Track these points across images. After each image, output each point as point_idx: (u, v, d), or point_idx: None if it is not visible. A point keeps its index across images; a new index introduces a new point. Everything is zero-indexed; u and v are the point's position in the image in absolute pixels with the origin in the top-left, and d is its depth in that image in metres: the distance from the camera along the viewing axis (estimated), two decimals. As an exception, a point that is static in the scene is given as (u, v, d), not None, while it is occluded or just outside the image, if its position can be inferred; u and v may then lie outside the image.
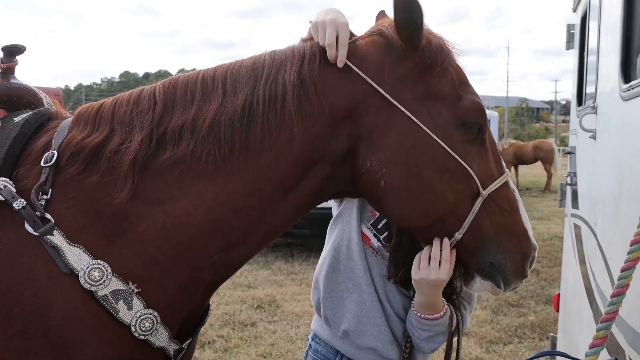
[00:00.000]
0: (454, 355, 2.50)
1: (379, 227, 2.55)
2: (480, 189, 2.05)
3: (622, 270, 1.85)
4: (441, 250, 2.14)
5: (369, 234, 2.56)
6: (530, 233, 2.15)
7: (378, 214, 2.54)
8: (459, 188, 2.03)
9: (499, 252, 2.09)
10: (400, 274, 2.46)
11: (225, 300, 8.19)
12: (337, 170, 2.05)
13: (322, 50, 2.03)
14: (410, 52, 2.01)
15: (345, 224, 2.59)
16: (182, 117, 1.99)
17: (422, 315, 2.37)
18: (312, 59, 2.01)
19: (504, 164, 2.18)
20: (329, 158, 2.03)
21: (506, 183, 2.14)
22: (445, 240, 2.12)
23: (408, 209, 2.04)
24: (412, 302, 2.43)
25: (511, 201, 2.12)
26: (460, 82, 2.08)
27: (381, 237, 2.54)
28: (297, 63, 2.01)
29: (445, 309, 2.40)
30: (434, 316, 2.36)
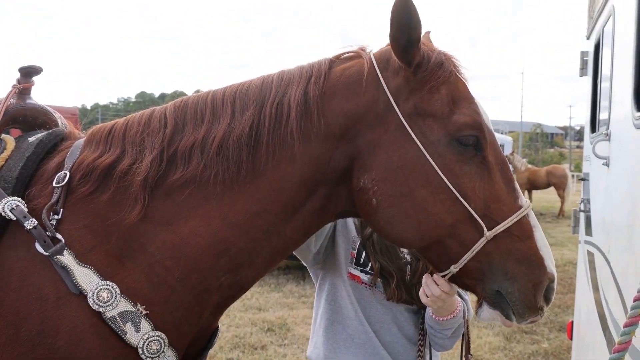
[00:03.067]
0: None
1: (361, 262, 2.68)
2: (485, 230, 1.95)
3: (634, 300, 1.84)
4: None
5: (356, 272, 2.68)
6: (548, 261, 1.99)
7: (356, 252, 2.68)
8: (456, 210, 1.95)
9: (507, 279, 1.96)
10: (397, 292, 2.59)
11: (236, 322, 8.16)
12: (337, 191, 2.07)
13: (328, 68, 2.06)
14: (404, 68, 1.99)
15: (333, 277, 2.73)
16: (192, 136, 2.01)
17: (444, 319, 2.50)
18: (318, 77, 2.03)
19: (519, 193, 2.04)
20: (329, 179, 2.04)
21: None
22: (435, 277, 2.19)
23: (400, 228, 2.00)
24: (429, 311, 2.55)
25: (522, 226, 1.99)
26: (459, 98, 2.02)
27: (367, 269, 2.67)
28: (304, 82, 2.03)
29: (459, 303, 2.53)
30: (454, 314, 2.49)
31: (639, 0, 2.83)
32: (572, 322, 5.26)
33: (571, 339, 5.24)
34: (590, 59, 5.03)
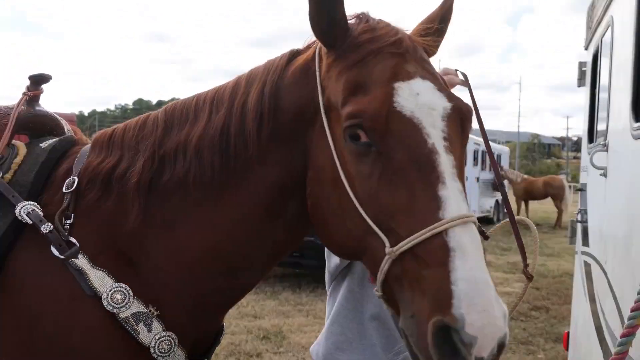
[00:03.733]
0: None
1: None
2: (386, 244, 1.58)
3: (632, 310, 1.84)
4: None
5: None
6: (461, 300, 1.44)
7: None
8: (360, 220, 1.66)
9: (410, 313, 1.55)
10: None
11: (231, 330, 8.12)
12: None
13: (287, 61, 1.95)
14: (327, 53, 1.81)
15: (350, 279, 2.61)
16: (177, 138, 2.00)
17: None
18: (273, 73, 1.94)
19: (447, 203, 1.56)
20: (300, 181, 1.89)
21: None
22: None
23: (324, 234, 1.86)
24: None
25: (433, 247, 1.51)
26: (370, 83, 1.70)
27: None
28: (263, 79, 1.95)
29: None
30: None
31: (637, 10, 2.85)
32: (568, 333, 5.25)
33: (567, 349, 5.23)
34: (588, 69, 5.05)
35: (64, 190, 2.02)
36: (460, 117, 1.73)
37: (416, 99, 1.66)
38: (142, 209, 1.96)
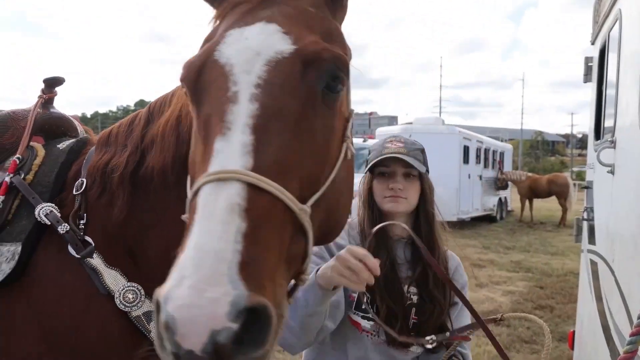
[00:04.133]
0: None
1: (362, 307, 2.42)
2: (188, 189, 1.47)
3: (642, 309, 1.79)
4: None
5: (357, 318, 2.45)
6: (175, 272, 1.17)
7: (356, 296, 2.42)
8: None
9: None
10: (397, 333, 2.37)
11: (234, 328, 8.11)
12: None
13: None
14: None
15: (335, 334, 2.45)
16: (152, 129, 2.00)
17: None
18: None
19: (216, 156, 1.34)
20: None
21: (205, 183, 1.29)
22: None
23: None
24: None
25: (191, 207, 1.33)
26: (210, 38, 1.58)
27: (369, 314, 2.41)
28: None
29: None
30: None
31: (646, 4, 2.80)
32: (573, 332, 5.22)
33: (572, 349, 5.20)
34: (595, 64, 4.99)
35: (74, 192, 2.06)
36: (302, 61, 1.46)
37: (242, 43, 1.47)
38: (127, 202, 1.97)
